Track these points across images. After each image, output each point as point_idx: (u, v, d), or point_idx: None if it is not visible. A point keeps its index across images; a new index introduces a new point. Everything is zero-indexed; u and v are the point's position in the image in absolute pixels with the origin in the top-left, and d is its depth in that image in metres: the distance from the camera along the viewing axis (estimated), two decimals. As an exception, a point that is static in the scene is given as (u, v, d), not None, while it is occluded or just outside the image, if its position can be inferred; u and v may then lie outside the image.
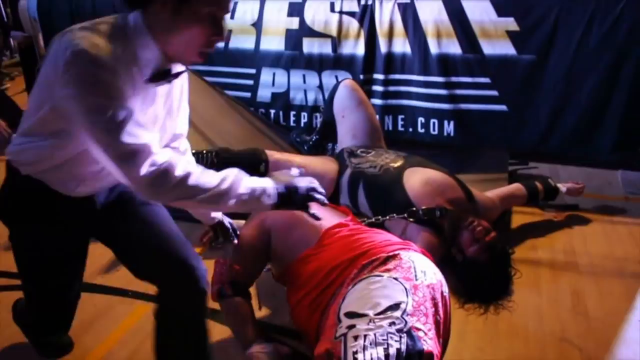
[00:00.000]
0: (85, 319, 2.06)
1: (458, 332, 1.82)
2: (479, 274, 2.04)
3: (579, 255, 2.46)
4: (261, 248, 1.87)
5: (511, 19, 3.08)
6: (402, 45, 3.29)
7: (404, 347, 1.33)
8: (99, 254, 2.45)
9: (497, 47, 3.14)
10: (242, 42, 3.57)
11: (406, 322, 1.38)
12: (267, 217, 1.87)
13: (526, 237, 2.60)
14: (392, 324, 1.37)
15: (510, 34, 3.10)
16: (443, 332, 1.52)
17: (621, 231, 2.65)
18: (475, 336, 1.96)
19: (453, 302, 1.77)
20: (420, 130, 3.38)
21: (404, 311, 1.41)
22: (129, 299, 2.19)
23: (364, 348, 1.33)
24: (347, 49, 3.39)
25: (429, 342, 1.38)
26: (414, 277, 1.52)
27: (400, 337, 1.35)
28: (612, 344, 1.92)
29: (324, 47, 3.42)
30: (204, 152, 2.60)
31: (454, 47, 3.19)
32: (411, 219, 2.25)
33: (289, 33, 3.46)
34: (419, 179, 2.37)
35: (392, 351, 1.32)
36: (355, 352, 1.33)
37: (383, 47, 3.32)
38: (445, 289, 1.60)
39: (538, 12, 3.04)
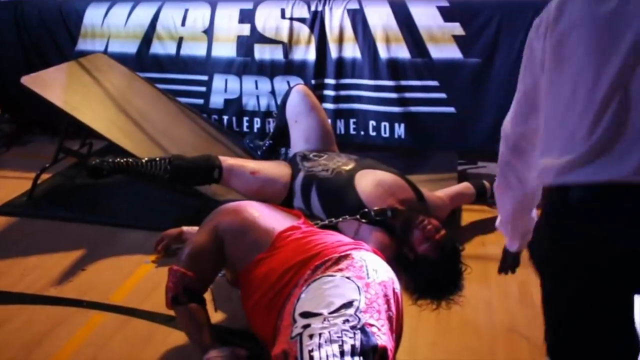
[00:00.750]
0: (38, 331, 2.02)
1: (411, 327, 1.87)
2: (430, 271, 2.09)
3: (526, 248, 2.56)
4: (214, 254, 1.87)
5: (457, 24, 3.19)
6: (352, 50, 3.35)
7: (358, 343, 1.36)
8: (51, 265, 2.43)
9: (444, 51, 3.23)
10: (194, 48, 3.57)
11: (359, 318, 1.42)
12: (219, 223, 1.88)
13: (475, 233, 2.67)
14: (346, 321, 1.40)
15: (457, 39, 3.20)
16: (396, 328, 1.57)
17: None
18: (428, 331, 2.01)
19: (406, 299, 1.82)
20: (372, 133, 3.45)
21: (357, 308, 1.44)
22: (84, 310, 2.15)
23: (319, 346, 1.36)
24: (298, 54, 3.43)
25: (382, 337, 1.42)
26: (366, 275, 1.57)
27: (355, 333, 1.38)
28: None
29: (275, 53, 3.45)
30: (157, 159, 2.59)
31: (402, 52, 3.27)
32: (363, 220, 2.30)
33: (240, 39, 3.48)
34: (370, 181, 2.42)
35: (347, 347, 1.36)
36: (311, 351, 1.35)
37: (334, 53, 3.37)
38: (397, 286, 1.65)
39: (482, 17, 3.15)
